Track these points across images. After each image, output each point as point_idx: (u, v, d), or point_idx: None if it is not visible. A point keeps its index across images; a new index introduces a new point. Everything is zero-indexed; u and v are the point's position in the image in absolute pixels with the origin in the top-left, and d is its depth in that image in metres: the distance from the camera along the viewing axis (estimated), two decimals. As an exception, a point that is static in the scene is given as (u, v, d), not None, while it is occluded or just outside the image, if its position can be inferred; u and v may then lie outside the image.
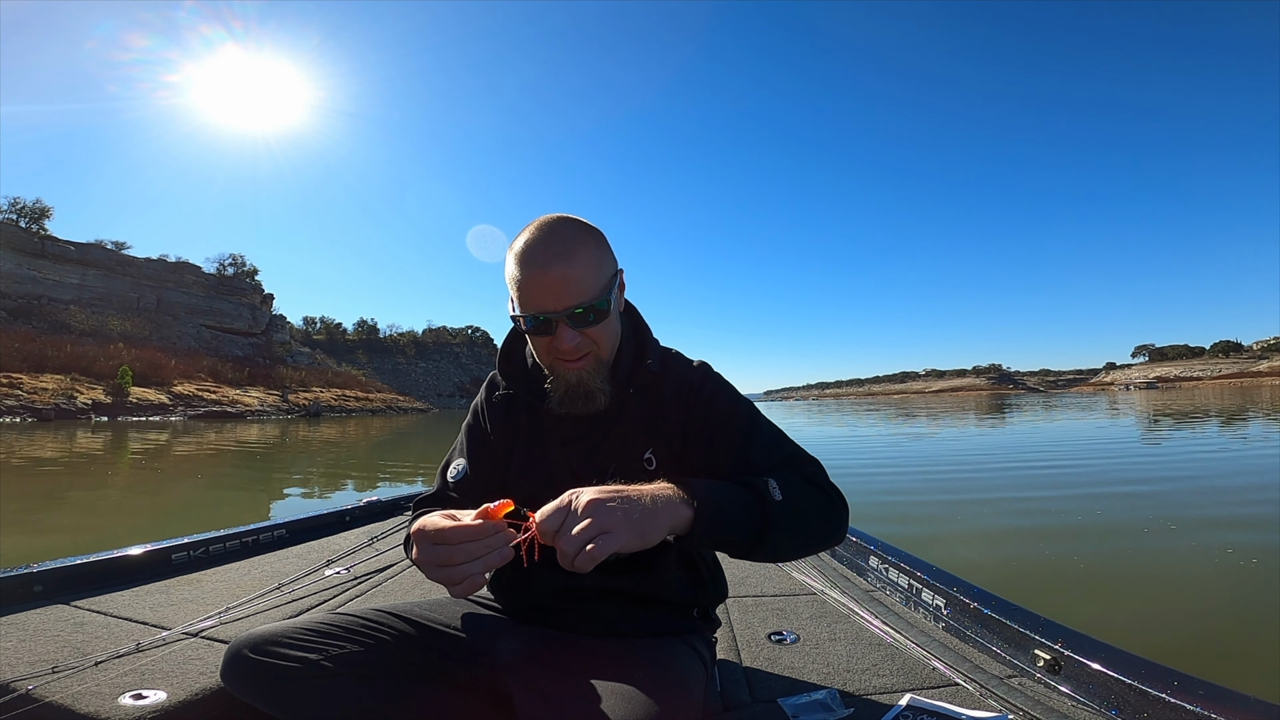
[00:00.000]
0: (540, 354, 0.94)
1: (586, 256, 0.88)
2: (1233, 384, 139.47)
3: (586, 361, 0.91)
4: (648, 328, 1.04)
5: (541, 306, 0.87)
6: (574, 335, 0.88)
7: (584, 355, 0.91)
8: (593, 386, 0.92)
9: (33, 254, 64.48)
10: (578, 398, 0.93)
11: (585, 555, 0.67)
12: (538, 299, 0.87)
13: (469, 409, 1.13)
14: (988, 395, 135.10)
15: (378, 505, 2.77)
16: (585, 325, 0.88)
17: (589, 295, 0.87)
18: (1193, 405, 27.55)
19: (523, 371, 1.05)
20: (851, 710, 1.04)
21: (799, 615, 1.54)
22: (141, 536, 2.00)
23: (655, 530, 0.73)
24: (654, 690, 0.74)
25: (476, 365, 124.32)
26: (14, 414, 35.99)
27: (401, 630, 0.91)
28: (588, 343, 0.90)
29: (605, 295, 0.89)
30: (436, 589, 0.81)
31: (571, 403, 0.93)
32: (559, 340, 0.88)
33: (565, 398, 0.94)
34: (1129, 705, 1.03)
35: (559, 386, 0.94)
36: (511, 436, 1.03)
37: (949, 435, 14.74)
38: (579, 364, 0.91)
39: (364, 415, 58.86)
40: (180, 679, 1.08)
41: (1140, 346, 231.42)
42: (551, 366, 0.94)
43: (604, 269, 0.91)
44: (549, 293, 0.86)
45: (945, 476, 7.64)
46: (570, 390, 0.93)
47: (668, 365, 1.02)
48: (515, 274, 0.88)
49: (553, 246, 0.87)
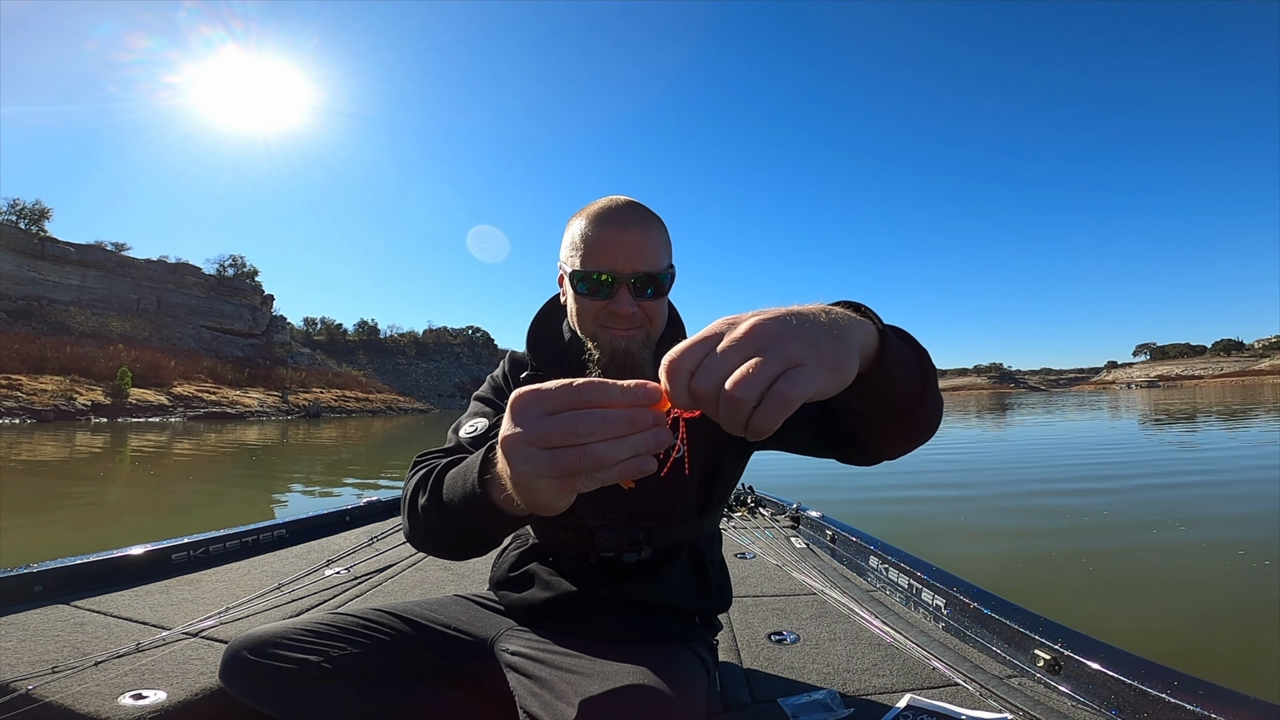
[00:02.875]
0: (586, 320, 0.91)
1: (660, 232, 0.91)
2: (1234, 382, 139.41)
3: (637, 333, 0.91)
4: (683, 323, 1.05)
5: (609, 265, 0.86)
6: (632, 302, 0.88)
7: (636, 327, 0.90)
8: (639, 358, 0.91)
9: (32, 255, 64.54)
10: (623, 367, 0.90)
11: (774, 402, 0.41)
12: (608, 258, 0.86)
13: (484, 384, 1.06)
14: (989, 394, 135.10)
15: (378, 505, 2.77)
16: (644, 296, 0.88)
17: (655, 267, 0.89)
18: (1195, 404, 27.54)
19: (555, 349, 1.01)
20: (851, 710, 1.04)
21: (799, 615, 1.54)
22: (141, 536, 2.00)
23: (849, 357, 0.49)
24: (656, 693, 0.74)
25: (477, 365, 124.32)
26: (13, 415, 36.00)
27: (401, 631, 0.91)
28: (641, 315, 0.90)
29: (667, 273, 0.91)
30: (436, 589, 0.79)
31: (615, 371, 0.90)
32: (617, 304, 0.87)
33: (609, 365, 0.90)
34: (1129, 705, 1.03)
35: (603, 353, 0.91)
36: None
37: (949, 435, 14.75)
38: (630, 333, 0.90)
39: (364, 416, 58.90)
40: (180, 679, 1.08)
41: (1141, 345, 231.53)
42: (596, 334, 0.91)
43: (668, 252, 0.93)
44: (621, 253, 0.86)
45: (945, 476, 7.64)
46: (616, 357, 0.90)
47: None
48: (586, 230, 0.88)
49: (632, 214, 0.89)
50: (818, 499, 2.74)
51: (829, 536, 2.20)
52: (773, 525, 2.51)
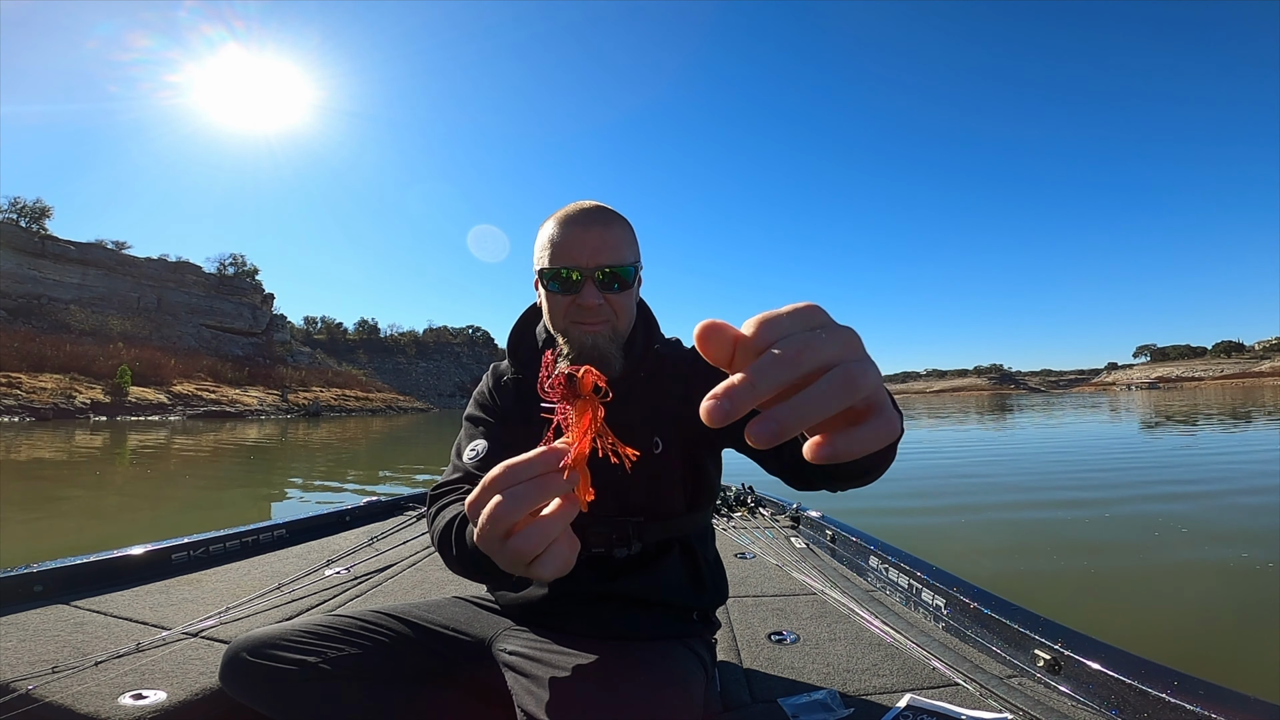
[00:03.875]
0: (557, 317, 0.94)
1: (622, 230, 0.95)
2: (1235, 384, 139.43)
3: (603, 327, 0.93)
4: (656, 321, 1.09)
5: (574, 261, 0.91)
6: (598, 295, 0.91)
7: (603, 321, 0.93)
8: (607, 352, 0.94)
9: (33, 254, 64.52)
10: (591, 361, 0.90)
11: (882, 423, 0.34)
12: (572, 255, 0.91)
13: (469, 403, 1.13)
14: (989, 395, 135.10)
15: (378, 505, 2.77)
16: (609, 290, 0.92)
17: (619, 261, 0.92)
18: (1196, 406, 27.54)
19: (534, 355, 1.04)
20: (851, 710, 1.04)
21: (799, 615, 1.54)
22: (141, 536, 2.00)
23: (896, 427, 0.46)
24: (654, 692, 0.74)
25: (477, 365, 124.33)
26: (12, 414, 36.01)
27: (400, 632, 0.91)
28: (607, 309, 0.93)
29: (632, 267, 0.94)
30: (436, 589, 0.80)
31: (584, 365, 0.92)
32: (583, 297, 0.90)
33: (578, 359, 0.92)
34: (1129, 705, 1.03)
35: (573, 348, 0.93)
36: (524, 418, 1.03)
37: (950, 436, 14.74)
38: (596, 327, 0.93)
39: (364, 415, 58.93)
40: (180, 679, 1.08)
41: (1142, 346, 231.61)
42: (567, 330, 0.94)
43: (633, 249, 0.97)
44: (584, 249, 0.91)
45: (946, 475, 7.64)
46: (584, 353, 0.92)
47: (669, 349, 1.07)
48: (552, 232, 0.93)
49: (595, 214, 0.94)
50: (818, 499, 2.74)
51: (829, 536, 2.20)
52: (773, 525, 2.51)
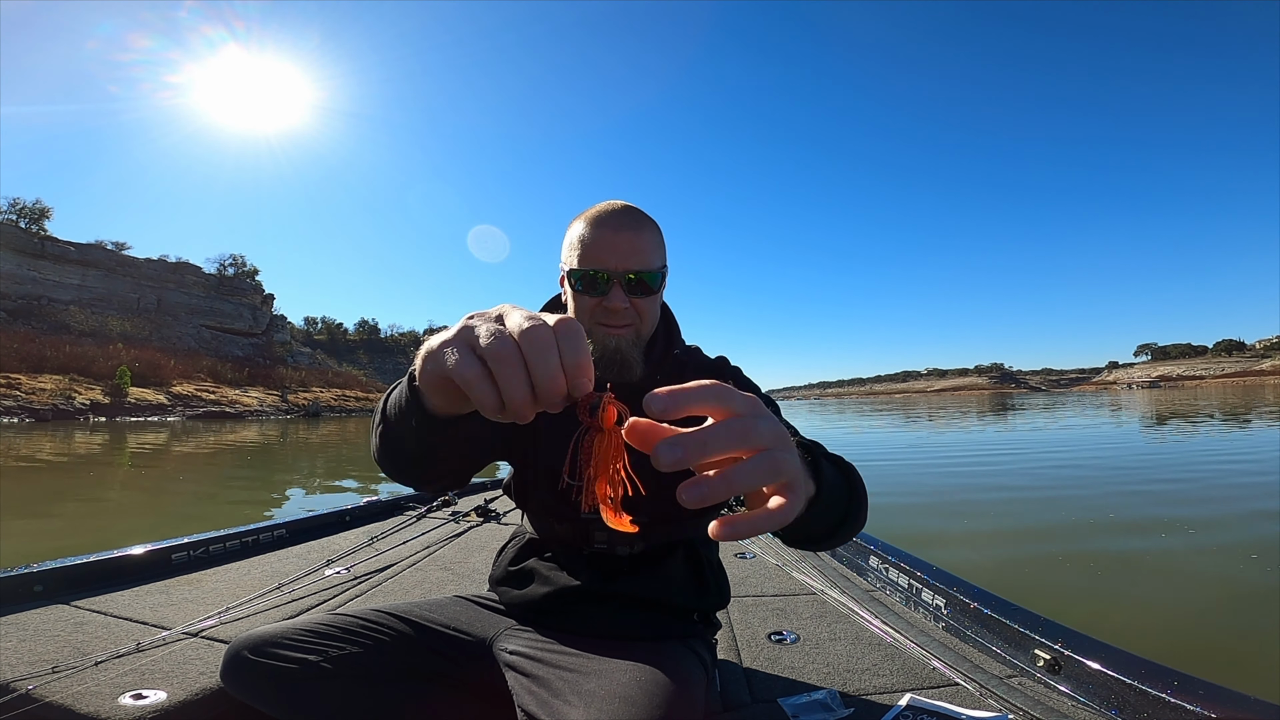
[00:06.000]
0: (582, 316, 0.94)
1: (652, 234, 0.95)
2: (1235, 383, 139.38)
3: (628, 331, 0.94)
4: (678, 325, 1.10)
5: (603, 264, 0.90)
6: (624, 299, 0.91)
7: (627, 324, 0.93)
8: (630, 356, 0.94)
9: (33, 254, 64.53)
10: (613, 364, 0.93)
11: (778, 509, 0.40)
12: (602, 257, 0.91)
13: None
14: (990, 394, 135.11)
15: (378, 505, 2.77)
16: (636, 294, 0.92)
17: (648, 266, 0.92)
18: (1197, 404, 27.53)
19: None
20: (851, 710, 1.04)
21: (799, 615, 1.54)
22: (141, 536, 2.00)
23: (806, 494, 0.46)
24: (654, 692, 0.74)
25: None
26: (12, 414, 35.99)
27: (400, 631, 0.91)
28: (632, 313, 0.93)
29: (659, 273, 0.94)
30: (436, 589, 0.80)
31: (606, 368, 0.93)
32: (610, 300, 0.91)
33: (600, 361, 0.92)
34: (1129, 705, 1.03)
35: (596, 349, 0.93)
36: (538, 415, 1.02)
37: (950, 436, 14.74)
38: (621, 330, 0.93)
39: (364, 415, 58.83)
40: (180, 679, 1.08)
41: (1143, 345, 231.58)
42: (591, 331, 0.93)
43: (661, 254, 0.97)
44: (614, 252, 0.90)
45: (946, 475, 7.64)
46: (607, 355, 0.93)
47: (690, 356, 1.08)
48: (582, 232, 0.93)
49: (627, 216, 0.93)
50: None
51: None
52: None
